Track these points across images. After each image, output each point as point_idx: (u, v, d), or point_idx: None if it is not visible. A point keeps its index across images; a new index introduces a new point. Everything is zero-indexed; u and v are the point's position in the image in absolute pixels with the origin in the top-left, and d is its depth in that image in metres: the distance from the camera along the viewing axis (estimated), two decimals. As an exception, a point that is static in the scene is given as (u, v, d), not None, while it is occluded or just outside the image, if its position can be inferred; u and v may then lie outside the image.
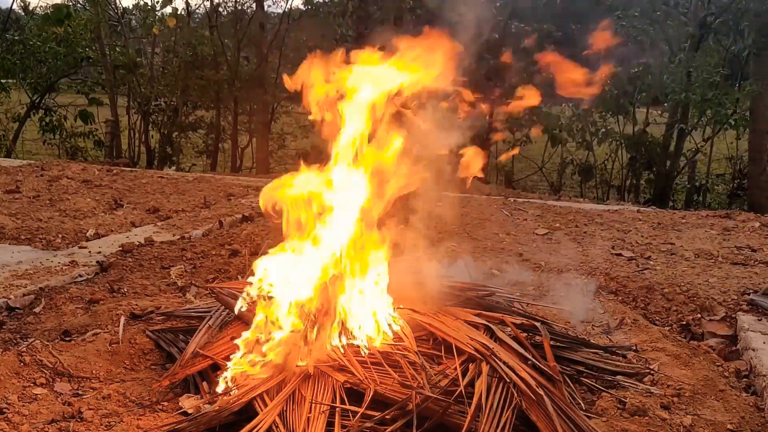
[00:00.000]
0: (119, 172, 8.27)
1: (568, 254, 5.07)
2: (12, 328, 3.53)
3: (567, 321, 3.75)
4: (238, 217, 6.01)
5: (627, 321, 3.77)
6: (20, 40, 13.03)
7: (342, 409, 2.45)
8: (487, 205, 6.94)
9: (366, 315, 2.92)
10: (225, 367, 2.78)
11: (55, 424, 2.53)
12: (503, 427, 2.36)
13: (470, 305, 3.29)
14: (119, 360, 3.08)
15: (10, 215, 5.80)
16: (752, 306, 4.01)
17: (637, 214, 6.72)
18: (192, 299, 3.94)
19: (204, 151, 13.55)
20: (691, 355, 3.30)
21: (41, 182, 7.28)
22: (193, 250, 4.86)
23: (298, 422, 2.40)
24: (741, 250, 5.23)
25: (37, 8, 19.55)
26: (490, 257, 4.93)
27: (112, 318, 3.49)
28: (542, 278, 4.48)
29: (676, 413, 2.74)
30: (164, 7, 13.01)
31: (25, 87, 13.37)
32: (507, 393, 2.50)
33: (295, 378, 2.60)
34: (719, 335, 3.78)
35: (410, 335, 2.88)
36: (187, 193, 7.25)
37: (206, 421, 2.45)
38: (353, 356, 2.70)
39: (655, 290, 4.29)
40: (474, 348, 2.73)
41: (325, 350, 2.74)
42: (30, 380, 2.83)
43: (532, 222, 6.24)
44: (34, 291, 3.96)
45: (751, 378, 3.22)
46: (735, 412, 2.81)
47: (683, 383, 2.96)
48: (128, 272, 4.42)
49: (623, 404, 2.73)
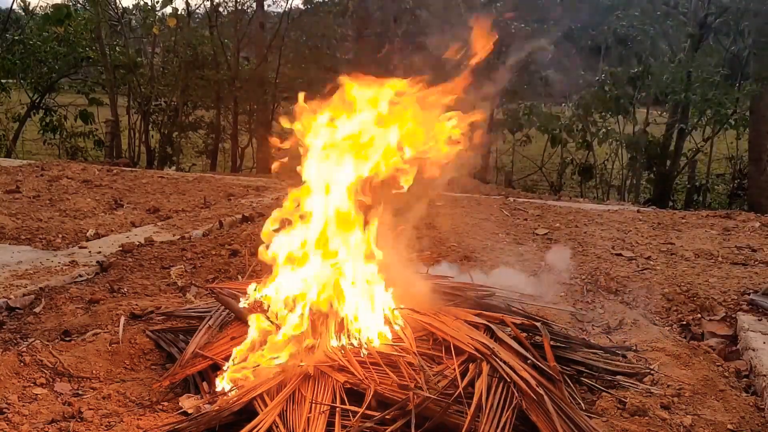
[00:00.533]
0: (119, 172, 8.27)
1: (568, 254, 5.07)
2: (12, 328, 3.53)
3: (567, 321, 3.75)
4: (238, 217, 6.01)
5: (627, 321, 3.77)
6: (20, 40, 13.03)
7: (342, 409, 2.45)
8: (486, 204, 6.94)
9: (365, 316, 2.91)
10: (225, 367, 2.78)
11: (55, 424, 2.53)
12: (503, 426, 2.36)
13: (470, 305, 3.29)
14: (119, 360, 3.08)
15: (10, 215, 5.80)
16: (752, 306, 4.01)
17: (637, 214, 6.72)
18: (192, 299, 3.94)
19: (204, 151, 13.55)
20: (691, 355, 3.30)
21: (41, 182, 7.28)
22: (193, 250, 4.86)
23: (299, 422, 2.40)
24: (741, 250, 5.23)
25: (37, 8, 19.56)
26: (489, 257, 4.93)
27: (112, 318, 3.50)
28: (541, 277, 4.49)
29: (676, 413, 2.74)
30: (164, 6, 13.01)
31: (26, 87, 13.37)
32: (507, 393, 2.50)
33: (295, 378, 2.60)
34: (719, 335, 3.78)
35: (410, 336, 2.88)
36: (187, 193, 7.25)
37: (206, 421, 2.45)
38: (353, 356, 2.70)
39: (655, 290, 4.29)
40: (474, 348, 2.73)
41: (325, 351, 2.74)
42: (30, 380, 2.83)
43: (532, 222, 6.24)
44: (34, 291, 3.96)
45: (751, 378, 3.22)
46: (735, 412, 2.81)
47: (683, 383, 2.96)
48: (128, 272, 4.42)
49: (623, 404, 2.74)
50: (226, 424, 2.48)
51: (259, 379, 2.64)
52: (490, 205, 6.87)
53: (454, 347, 2.77)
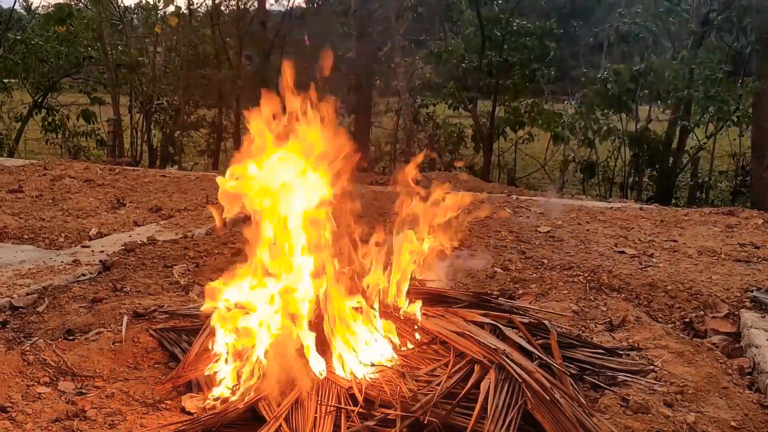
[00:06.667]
0: (121, 171, 8.28)
1: (570, 251, 5.07)
2: (15, 327, 3.54)
3: (570, 319, 3.75)
4: (240, 216, 6.00)
5: (630, 318, 3.76)
6: (22, 40, 13.06)
7: (346, 415, 2.44)
8: (489, 202, 6.93)
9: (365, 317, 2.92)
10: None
11: (59, 422, 2.54)
12: (508, 426, 2.35)
13: (475, 306, 3.28)
14: (122, 359, 3.09)
15: (13, 215, 5.81)
16: (755, 303, 4.00)
17: (639, 212, 6.71)
18: (195, 298, 3.94)
19: (206, 150, 13.56)
20: (694, 353, 3.29)
21: (44, 182, 7.29)
22: (196, 249, 4.87)
23: (305, 425, 2.40)
24: (744, 247, 5.22)
25: (39, 8, 19.58)
26: (492, 255, 4.92)
27: (115, 317, 3.50)
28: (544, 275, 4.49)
29: (679, 410, 2.74)
30: (166, 5, 13.01)
31: (28, 86, 13.39)
32: (513, 393, 2.49)
33: (301, 383, 2.59)
34: (722, 332, 3.77)
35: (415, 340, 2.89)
36: (190, 192, 7.25)
37: (211, 422, 2.45)
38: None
39: (658, 287, 4.28)
40: (482, 348, 2.72)
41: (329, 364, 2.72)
42: (34, 379, 2.84)
43: (534, 219, 6.23)
44: (37, 290, 3.96)
45: (754, 375, 3.22)
46: (738, 410, 2.80)
47: (686, 380, 2.96)
48: (131, 271, 4.42)
49: (626, 402, 2.73)
50: (229, 425, 2.49)
51: (265, 382, 2.63)
52: (492, 203, 6.86)
53: (453, 348, 2.77)
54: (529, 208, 6.75)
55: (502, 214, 6.34)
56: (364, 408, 2.44)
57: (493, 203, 6.87)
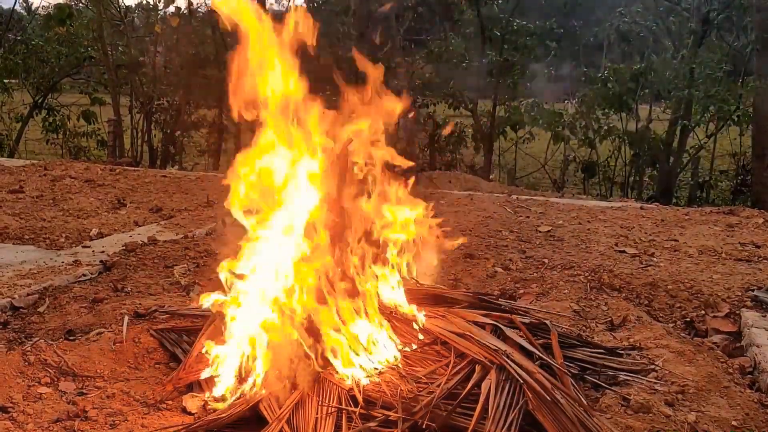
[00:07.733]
0: (122, 171, 8.28)
1: (571, 251, 5.07)
2: (16, 327, 3.54)
3: (570, 318, 3.75)
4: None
5: (630, 318, 3.76)
6: (23, 40, 13.06)
7: (348, 416, 2.44)
8: (490, 202, 6.93)
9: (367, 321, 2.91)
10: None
11: (60, 423, 2.54)
12: (509, 427, 2.35)
13: (476, 306, 3.28)
14: (123, 359, 3.09)
15: (14, 215, 5.81)
16: (756, 302, 4.00)
17: (640, 211, 6.71)
18: (196, 298, 3.94)
19: (207, 151, 13.56)
20: (695, 352, 3.29)
21: (44, 182, 7.30)
22: (197, 249, 4.87)
23: (307, 425, 2.40)
24: (745, 247, 5.21)
25: (39, 8, 19.60)
26: (492, 254, 4.92)
27: (116, 317, 3.50)
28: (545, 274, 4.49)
29: (680, 410, 2.74)
30: (167, 6, 13.01)
31: (28, 87, 13.38)
32: (514, 393, 2.49)
33: (303, 384, 2.60)
34: (723, 332, 3.77)
35: (417, 341, 2.89)
36: (190, 192, 7.25)
37: (213, 423, 2.45)
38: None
39: (659, 287, 4.28)
40: (483, 348, 2.72)
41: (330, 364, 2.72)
42: (35, 379, 2.84)
43: (535, 219, 6.23)
44: (38, 290, 3.97)
45: (755, 374, 3.22)
46: (739, 409, 2.80)
47: (687, 380, 2.96)
48: (132, 271, 4.42)
49: (627, 401, 2.73)
50: (230, 425, 2.49)
51: (266, 382, 2.63)
52: (493, 203, 6.86)
53: (454, 348, 2.77)
54: (530, 207, 6.75)
55: (502, 214, 6.34)
56: (365, 409, 2.45)
57: (493, 202, 6.87)
